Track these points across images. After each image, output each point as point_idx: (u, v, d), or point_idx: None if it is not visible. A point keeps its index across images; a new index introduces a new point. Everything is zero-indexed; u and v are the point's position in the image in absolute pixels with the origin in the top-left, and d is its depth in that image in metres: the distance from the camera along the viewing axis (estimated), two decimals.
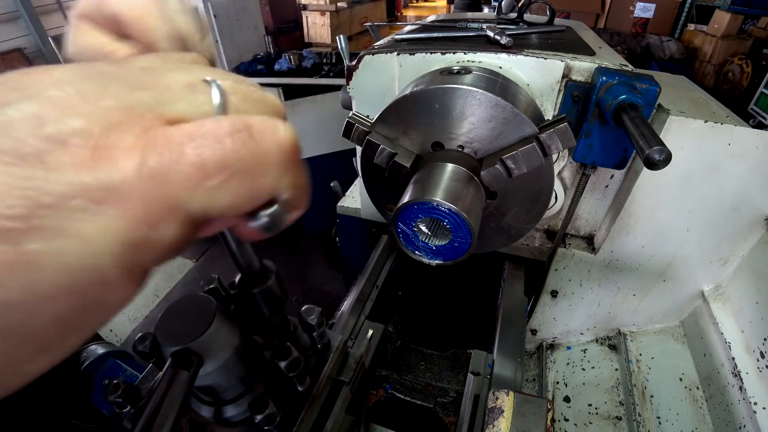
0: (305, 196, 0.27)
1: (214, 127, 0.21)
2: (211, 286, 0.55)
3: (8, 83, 0.19)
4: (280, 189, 0.24)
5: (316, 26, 6.40)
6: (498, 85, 0.73)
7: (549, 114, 0.88)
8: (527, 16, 1.19)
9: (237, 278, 0.51)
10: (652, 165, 0.60)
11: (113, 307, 0.21)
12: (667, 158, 0.59)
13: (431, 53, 0.87)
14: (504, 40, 0.87)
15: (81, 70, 0.21)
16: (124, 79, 0.22)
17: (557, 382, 1.24)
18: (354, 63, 0.94)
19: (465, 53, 0.86)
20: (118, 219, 0.19)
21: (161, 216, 0.20)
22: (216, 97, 0.24)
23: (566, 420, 1.15)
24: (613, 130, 0.81)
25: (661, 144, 0.59)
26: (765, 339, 0.96)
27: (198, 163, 0.20)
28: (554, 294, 1.22)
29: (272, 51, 4.01)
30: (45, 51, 5.14)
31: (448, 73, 0.75)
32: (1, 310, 0.16)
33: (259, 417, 0.47)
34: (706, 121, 0.84)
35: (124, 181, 0.19)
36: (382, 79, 0.93)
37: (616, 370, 1.22)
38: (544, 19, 1.14)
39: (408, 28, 1.17)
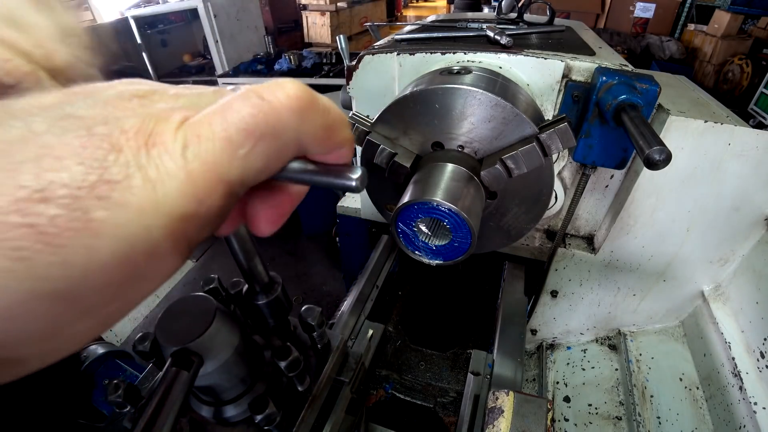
0: (336, 132, 0.28)
1: (228, 101, 0.24)
2: (211, 286, 0.55)
3: (71, 90, 0.23)
4: (305, 137, 0.26)
5: (316, 26, 6.39)
6: (498, 85, 0.73)
7: (549, 114, 0.88)
8: (527, 16, 1.19)
9: (244, 288, 0.52)
10: (652, 165, 0.60)
11: (159, 278, 0.22)
12: (667, 158, 0.59)
13: (431, 53, 0.87)
14: (504, 40, 0.87)
15: (126, 85, 0.25)
16: (154, 91, 0.25)
17: (557, 382, 1.24)
18: (354, 63, 0.94)
19: (465, 53, 0.86)
20: (170, 194, 0.21)
21: (206, 189, 0.22)
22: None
23: (566, 420, 1.15)
24: (613, 130, 0.81)
25: (661, 144, 0.59)
26: (765, 339, 0.96)
27: (226, 136, 0.22)
28: (554, 294, 1.22)
29: (272, 51, 4.01)
30: None
31: (448, 73, 0.75)
32: (60, 270, 0.18)
33: (259, 417, 0.47)
34: (706, 121, 0.84)
35: (173, 161, 0.21)
36: (382, 79, 0.93)
37: (616, 370, 1.22)
38: (544, 19, 1.14)
39: (408, 28, 1.17)
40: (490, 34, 0.93)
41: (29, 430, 1.28)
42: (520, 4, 1.15)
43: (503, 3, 1.12)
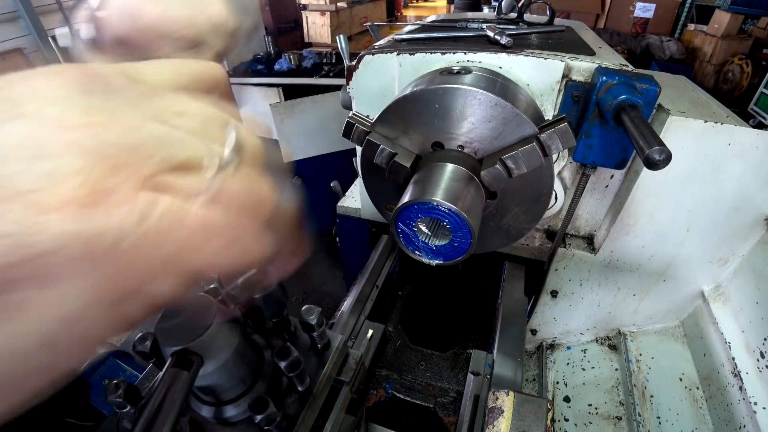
0: (297, 261, 0.27)
1: (225, 190, 0.21)
2: (211, 286, 0.55)
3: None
4: (276, 252, 0.25)
5: (316, 26, 6.39)
6: (498, 85, 0.73)
7: (549, 114, 0.87)
8: (527, 16, 1.19)
9: (240, 280, 0.50)
10: (652, 165, 0.60)
11: (95, 351, 0.19)
12: (667, 158, 0.59)
13: (431, 53, 0.87)
14: (504, 40, 0.87)
15: (84, 77, 0.19)
16: (132, 100, 0.20)
17: (557, 382, 1.24)
18: (354, 63, 0.94)
19: (465, 53, 0.86)
20: (109, 274, 0.17)
21: (156, 274, 0.19)
22: (229, 148, 0.22)
23: (566, 420, 1.15)
24: (613, 130, 0.81)
25: (661, 144, 0.59)
26: (765, 339, 0.96)
27: (205, 224, 0.19)
28: (554, 294, 1.22)
29: (272, 51, 4.01)
30: (45, 51, 5.14)
31: (448, 73, 0.75)
32: None
33: (259, 417, 0.47)
34: (706, 121, 0.84)
35: (121, 234, 0.17)
36: (382, 79, 0.93)
37: (616, 370, 1.22)
38: (544, 19, 1.14)
39: (408, 28, 1.17)
40: (490, 34, 0.93)
41: (25, 430, 1.28)
42: (520, 4, 1.15)
43: (503, 3, 1.12)
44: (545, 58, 0.83)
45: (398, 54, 0.89)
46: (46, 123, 0.17)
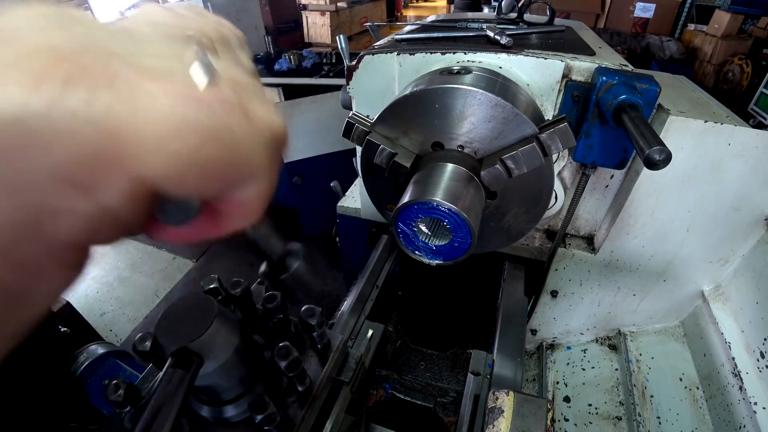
0: (265, 200, 0.22)
1: (208, 90, 0.18)
2: (211, 286, 0.55)
3: None
4: (255, 179, 0.21)
5: (316, 26, 6.39)
6: (498, 85, 0.73)
7: (549, 114, 0.88)
8: (527, 16, 1.19)
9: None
10: (652, 165, 0.60)
11: (39, 301, 0.17)
12: (667, 158, 0.59)
13: (431, 53, 0.87)
14: (504, 40, 0.87)
15: (60, 13, 0.18)
16: (98, 28, 0.19)
17: (557, 382, 1.24)
18: (354, 63, 0.94)
19: (465, 53, 0.86)
20: (40, 173, 0.14)
21: (102, 177, 0.16)
22: (198, 65, 0.20)
23: (566, 420, 1.15)
24: (613, 130, 0.81)
25: (661, 144, 0.59)
26: (765, 339, 0.96)
27: (177, 118, 0.17)
28: (554, 294, 1.22)
29: (272, 51, 4.01)
30: None
31: (448, 73, 0.75)
32: None
33: (259, 417, 0.47)
34: (706, 121, 0.84)
35: (57, 121, 0.14)
36: (382, 79, 0.93)
37: (616, 370, 1.22)
38: (544, 19, 1.14)
39: (408, 28, 1.17)
40: (490, 34, 0.93)
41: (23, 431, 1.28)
42: (520, 4, 1.15)
43: (503, 3, 1.12)
44: (545, 58, 0.83)
45: (398, 54, 0.89)
46: (8, 24, 0.16)
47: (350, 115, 0.74)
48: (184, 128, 0.17)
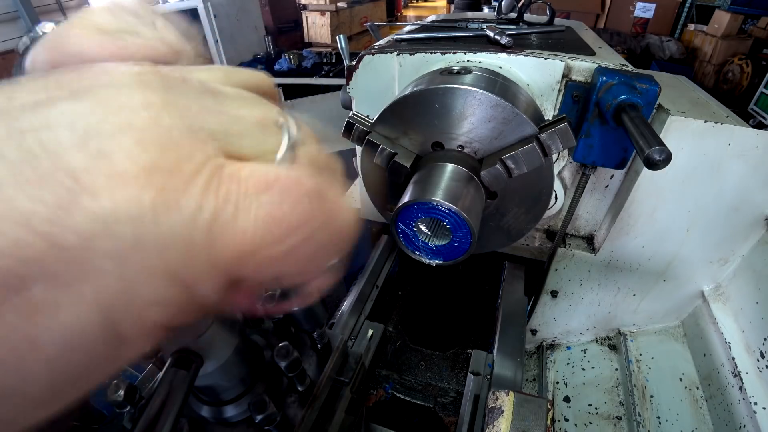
0: (340, 273, 0.24)
1: (293, 180, 0.18)
2: None
3: (58, 78, 0.16)
4: (330, 270, 0.22)
5: (316, 26, 6.39)
6: (498, 85, 0.73)
7: (549, 114, 0.88)
8: (527, 16, 1.19)
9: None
10: (652, 165, 0.60)
11: (120, 364, 0.18)
12: (667, 158, 0.59)
13: (431, 53, 0.87)
14: (504, 40, 0.87)
15: (142, 68, 0.18)
16: (188, 91, 0.18)
17: (557, 382, 1.24)
18: (354, 63, 0.94)
19: (465, 53, 0.86)
20: (150, 271, 0.15)
21: (203, 276, 0.16)
22: (285, 146, 0.20)
23: (566, 420, 1.15)
24: (613, 130, 0.81)
25: (661, 144, 0.59)
26: (765, 339, 0.96)
27: (271, 220, 0.17)
28: (554, 294, 1.22)
29: (272, 51, 4.01)
30: None
31: (448, 73, 0.75)
32: None
33: (259, 417, 0.47)
34: (706, 121, 0.84)
35: (172, 226, 0.15)
36: (382, 79, 0.93)
37: (616, 370, 1.22)
38: (544, 19, 1.14)
39: (408, 28, 1.17)
40: (490, 34, 0.93)
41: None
42: (520, 4, 1.15)
43: (503, 3, 1.12)
44: (545, 58, 0.83)
45: (398, 54, 0.89)
46: (102, 102, 0.15)
47: (350, 115, 0.74)
48: (284, 231, 0.17)
